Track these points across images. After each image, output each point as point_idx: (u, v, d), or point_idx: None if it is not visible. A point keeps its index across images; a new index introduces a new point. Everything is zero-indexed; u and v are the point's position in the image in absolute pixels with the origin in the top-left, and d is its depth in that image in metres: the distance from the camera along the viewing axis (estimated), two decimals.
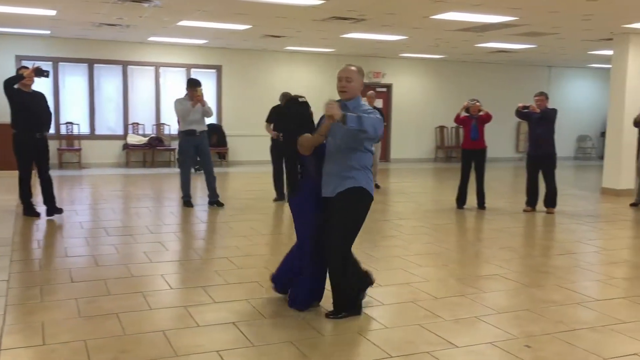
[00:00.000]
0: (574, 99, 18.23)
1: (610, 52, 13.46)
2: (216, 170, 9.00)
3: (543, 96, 8.54)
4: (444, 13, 8.71)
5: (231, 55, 14.80)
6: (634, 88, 10.58)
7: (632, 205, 9.47)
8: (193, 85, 8.48)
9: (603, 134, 18.03)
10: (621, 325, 4.18)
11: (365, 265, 5.65)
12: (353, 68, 4.25)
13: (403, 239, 6.93)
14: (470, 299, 4.71)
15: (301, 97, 4.57)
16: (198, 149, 8.59)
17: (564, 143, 16.40)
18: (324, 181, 4.23)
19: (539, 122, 8.40)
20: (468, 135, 8.72)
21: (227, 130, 14.73)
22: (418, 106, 16.80)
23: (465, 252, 6.41)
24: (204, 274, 5.32)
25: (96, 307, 4.31)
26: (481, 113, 8.67)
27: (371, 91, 11.44)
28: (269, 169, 9.55)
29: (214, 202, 8.73)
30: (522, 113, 8.60)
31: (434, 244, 6.66)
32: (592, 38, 11.22)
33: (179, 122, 8.76)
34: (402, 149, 16.68)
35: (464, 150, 8.87)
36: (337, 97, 4.39)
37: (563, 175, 9.27)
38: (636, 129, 10.13)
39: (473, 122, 8.68)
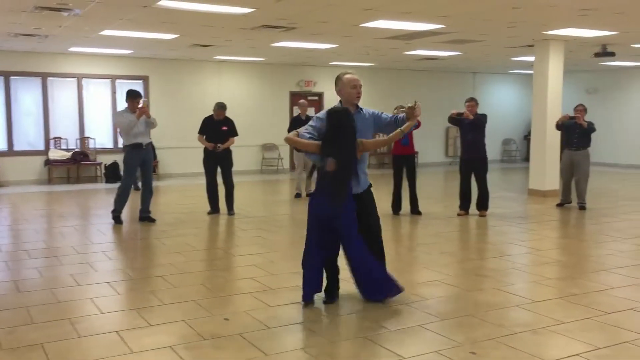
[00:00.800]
0: (498, 104, 18.83)
1: (530, 58, 14.01)
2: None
3: (474, 102, 8.73)
4: (374, 21, 8.76)
5: (158, 65, 14.40)
6: (555, 92, 11.01)
7: (558, 205, 9.81)
8: (134, 96, 8.10)
9: (526, 137, 18.77)
10: (560, 325, 4.25)
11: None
12: None
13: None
14: (414, 307, 4.67)
15: (337, 106, 4.72)
16: (143, 163, 8.22)
17: (489, 146, 16.80)
18: (355, 180, 4.60)
19: (471, 128, 8.58)
20: (398, 142, 8.77)
21: (155, 142, 14.25)
22: None
23: (405, 259, 6.40)
24: (137, 295, 5.05)
25: (18, 338, 3.99)
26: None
27: (303, 100, 11.40)
28: (201, 181, 9.30)
29: (145, 217, 8.39)
30: (455, 119, 8.75)
31: None
32: (515, 45, 11.60)
33: (121, 135, 8.32)
34: None
35: (395, 156, 8.94)
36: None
37: (491, 178, 9.48)
38: (559, 132, 10.53)
39: None
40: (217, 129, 8.88)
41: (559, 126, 9.64)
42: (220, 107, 8.91)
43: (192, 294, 5.01)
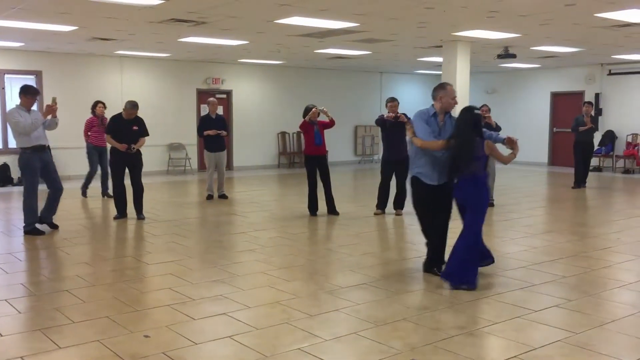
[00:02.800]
0: (404, 103, 19.09)
1: (436, 59, 14.38)
2: (40, 187, 7.73)
3: (396, 102, 8.71)
4: (289, 17, 8.55)
5: (53, 59, 13.41)
6: (463, 92, 11.29)
7: None
8: (31, 93, 7.30)
9: None
10: (493, 326, 4.24)
11: (227, 284, 5.27)
12: None
13: (263, 252, 6.60)
14: (346, 313, 4.51)
15: (476, 108, 5.31)
16: (46, 165, 7.44)
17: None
18: (439, 172, 5.33)
19: (394, 128, 8.49)
20: (312, 141, 8.61)
21: (51, 142, 13.26)
22: (259, 112, 16.59)
23: (329, 262, 6.23)
24: (42, 314, 4.53)
25: None
26: (326, 119, 8.74)
27: (212, 98, 11.02)
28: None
29: (47, 223, 7.66)
30: (381, 120, 8.63)
31: (297, 256, 6.42)
32: (424, 45, 11.80)
33: (15, 136, 7.35)
34: (245, 156, 16.35)
35: (309, 156, 8.72)
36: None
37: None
38: None
39: (315, 128, 8.62)
40: (128, 129, 8.30)
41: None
42: (133, 105, 8.32)
43: (104, 309, 4.58)
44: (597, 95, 16.23)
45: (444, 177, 5.33)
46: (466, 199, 5.20)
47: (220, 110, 12.94)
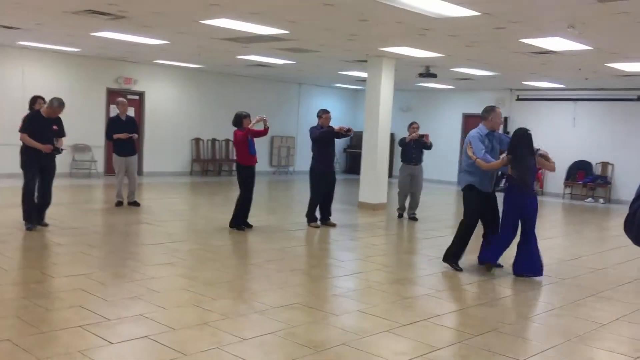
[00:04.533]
0: None
1: (356, 73, 14.42)
2: None
3: (329, 114, 8.79)
4: (217, 19, 8.14)
5: None
6: (386, 108, 11.30)
7: (400, 216, 10.22)
8: None
9: (345, 150, 19.35)
10: (436, 352, 4.07)
11: (147, 302, 4.80)
12: None
13: (184, 266, 6.13)
14: (281, 336, 4.18)
15: (528, 129, 6.41)
16: None
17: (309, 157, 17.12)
18: (490, 181, 6.44)
19: (331, 141, 8.63)
20: (247, 151, 8.22)
21: None
22: (173, 117, 15.89)
23: (257, 279, 5.87)
24: None
25: None
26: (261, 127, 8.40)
27: (122, 98, 10.37)
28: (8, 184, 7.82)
29: None
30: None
31: (221, 271, 6.01)
32: (349, 58, 11.73)
33: None
34: (156, 161, 15.57)
35: (246, 166, 8.29)
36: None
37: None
38: (388, 147, 10.87)
39: (249, 137, 8.26)
40: (47, 128, 7.43)
41: (406, 143, 9.99)
42: (61, 104, 7.39)
43: (4, 331, 3.99)
44: (506, 119, 16.89)
45: (492, 186, 6.44)
46: (534, 209, 6.25)
47: (131, 112, 12.25)
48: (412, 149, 10.07)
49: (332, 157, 8.80)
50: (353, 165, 17.66)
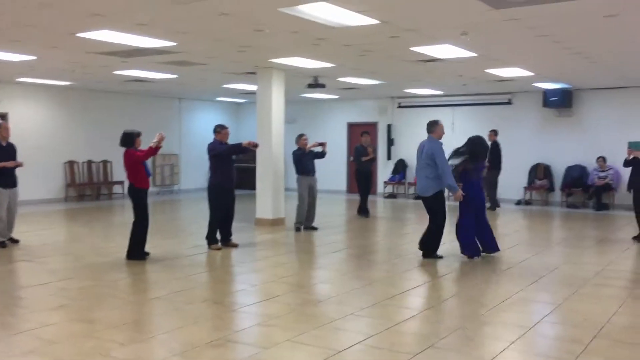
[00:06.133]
0: (202, 131, 18.44)
1: (241, 86, 14.05)
2: None
3: (227, 129, 8.54)
4: (97, 30, 7.42)
5: None
6: (278, 120, 11.02)
7: (299, 229, 10.12)
8: None
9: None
10: None
11: (44, 356, 4.13)
12: None
13: (79, 307, 5.44)
14: None
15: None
16: None
17: (200, 174, 16.43)
18: None
19: (231, 157, 8.46)
20: (144, 172, 7.58)
21: None
22: (41, 139, 14.52)
23: (168, 315, 5.28)
24: None
25: None
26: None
27: (2, 121, 9.30)
28: None
29: None
30: (235, 148, 8.49)
31: (124, 309, 5.38)
32: (237, 71, 11.33)
33: None
34: (25, 189, 14.03)
35: (142, 189, 7.61)
36: None
37: (205, 208, 8.85)
38: (281, 161, 10.62)
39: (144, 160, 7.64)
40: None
41: (304, 154, 10.17)
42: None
43: None
44: (389, 127, 17.29)
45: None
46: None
47: None
48: (309, 160, 10.17)
49: (233, 173, 8.42)
50: (242, 181, 17.15)
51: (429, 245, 7.69)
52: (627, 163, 9.40)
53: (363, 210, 12.25)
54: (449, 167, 7.47)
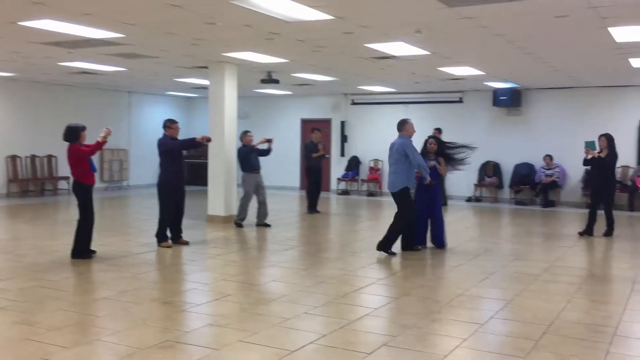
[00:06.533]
0: (153, 126, 18.00)
1: (193, 81, 13.79)
2: None
3: (177, 124, 8.32)
4: (40, 20, 7.11)
5: None
6: (231, 116, 10.84)
7: (258, 225, 10.14)
8: None
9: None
10: None
11: None
12: None
13: (20, 309, 5.17)
14: None
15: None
16: None
17: (154, 170, 16.04)
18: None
19: (181, 153, 8.35)
20: (89, 168, 7.29)
21: None
22: None
23: (115, 315, 5.08)
24: None
25: None
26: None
27: None
28: None
29: None
30: (188, 143, 8.44)
31: (68, 310, 5.14)
32: (188, 65, 11.08)
33: None
34: None
35: (87, 185, 7.30)
36: None
37: (155, 204, 8.60)
38: (235, 156, 10.51)
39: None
40: None
41: (250, 151, 10.13)
42: None
43: None
44: (342, 123, 17.29)
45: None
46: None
47: None
48: (255, 157, 10.18)
49: (183, 169, 8.25)
50: (193, 176, 16.85)
51: (389, 237, 7.73)
52: (586, 162, 9.58)
53: (311, 208, 12.16)
54: (421, 157, 7.64)
